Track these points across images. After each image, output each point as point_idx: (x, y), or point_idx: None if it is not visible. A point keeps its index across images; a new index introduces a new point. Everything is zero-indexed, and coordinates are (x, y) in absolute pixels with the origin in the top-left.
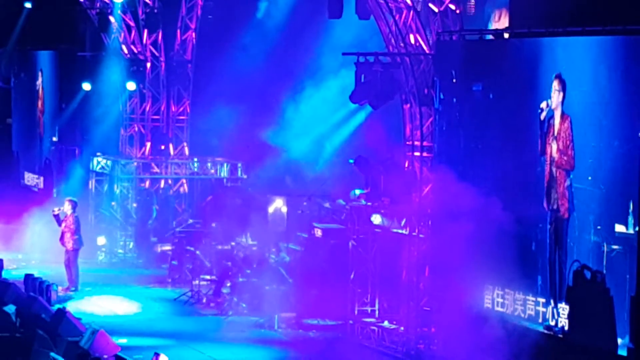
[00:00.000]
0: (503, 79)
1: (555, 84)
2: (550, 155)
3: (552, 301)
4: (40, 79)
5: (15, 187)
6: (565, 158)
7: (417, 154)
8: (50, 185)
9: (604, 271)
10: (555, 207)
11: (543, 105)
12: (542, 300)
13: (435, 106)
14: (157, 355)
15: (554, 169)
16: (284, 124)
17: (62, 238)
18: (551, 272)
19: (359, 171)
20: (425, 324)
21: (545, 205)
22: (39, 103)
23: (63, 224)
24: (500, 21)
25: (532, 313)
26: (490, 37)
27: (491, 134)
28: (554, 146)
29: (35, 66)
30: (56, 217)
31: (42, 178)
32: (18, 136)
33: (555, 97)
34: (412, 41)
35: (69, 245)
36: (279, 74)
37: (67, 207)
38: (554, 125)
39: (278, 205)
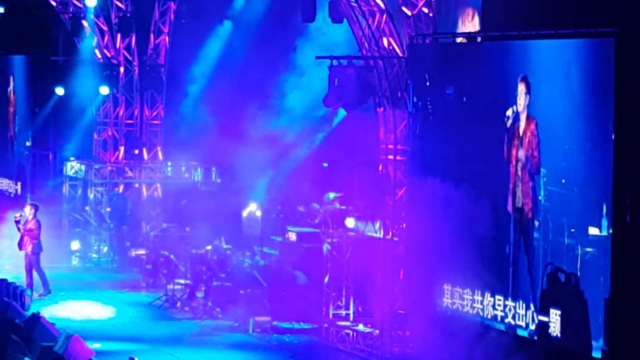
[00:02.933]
0: (475, 81)
1: (522, 87)
2: (516, 157)
3: (524, 304)
4: (11, 84)
5: None
6: (532, 161)
7: (390, 157)
8: (24, 190)
9: (578, 274)
10: (519, 205)
11: (509, 112)
12: (515, 303)
13: (409, 109)
14: (131, 359)
15: (519, 170)
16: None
17: (20, 242)
18: (519, 274)
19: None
20: (399, 327)
21: (509, 206)
22: (10, 108)
23: (21, 227)
24: (472, 20)
25: (505, 315)
26: (463, 40)
27: (464, 137)
28: (521, 150)
29: (7, 71)
30: (17, 222)
31: (19, 183)
32: None
33: (522, 100)
34: (386, 44)
35: (29, 249)
36: (252, 77)
37: (28, 211)
38: (519, 128)
39: (252, 209)
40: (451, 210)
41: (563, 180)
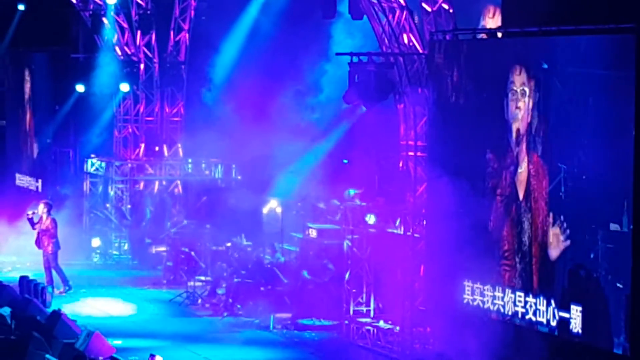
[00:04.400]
0: (494, 77)
1: (531, 83)
2: (531, 153)
3: (544, 300)
4: (30, 81)
5: (9, 188)
6: (547, 157)
7: (411, 153)
8: (44, 187)
9: (599, 270)
10: (538, 202)
11: (521, 106)
12: (535, 299)
13: (429, 106)
14: (152, 356)
15: (536, 166)
16: (279, 124)
17: (37, 241)
18: (540, 271)
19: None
20: (420, 324)
21: (529, 202)
22: (29, 105)
23: (37, 226)
24: (494, 17)
25: (526, 312)
26: (483, 36)
27: (484, 133)
28: (537, 146)
29: (27, 68)
30: (30, 220)
31: (40, 180)
32: (10, 138)
33: (532, 96)
34: (406, 41)
35: (49, 248)
36: (274, 73)
37: (41, 210)
38: (534, 124)
39: (272, 205)
40: (470, 207)
41: (583, 177)
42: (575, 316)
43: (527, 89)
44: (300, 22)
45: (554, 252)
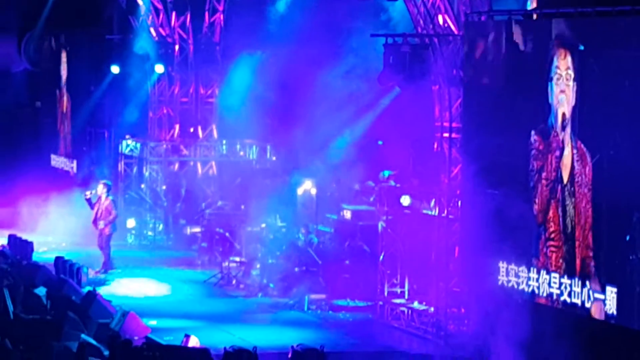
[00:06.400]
0: (536, 60)
1: (569, 63)
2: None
3: (579, 281)
4: (65, 59)
5: (44, 169)
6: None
7: (445, 134)
8: (80, 168)
9: (636, 251)
10: (573, 182)
11: (556, 91)
12: (570, 281)
13: (464, 87)
14: (187, 336)
15: (570, 146)
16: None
17: (95, 221)
18: (575, 253)
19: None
20: (454, 305)
21: (563, 182)
22: (66, 87)
23: (96, 207)
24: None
25: (561, 293)
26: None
27: (526, 116)
28: (568, 128)
29: (63, 50)
30: (88, 200)
31: (75, 161)
32: (45, 120)
33: (575, 82)
34: (441, 22)
35: (106, 229)
36: (308, 54)
37: (100, 190)
38: (566, 106)
39: (307, 187)
40: (509, 188)
41: (619, 159)
42: (610, 298)
43: (572, 73)
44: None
45: (592, 236)
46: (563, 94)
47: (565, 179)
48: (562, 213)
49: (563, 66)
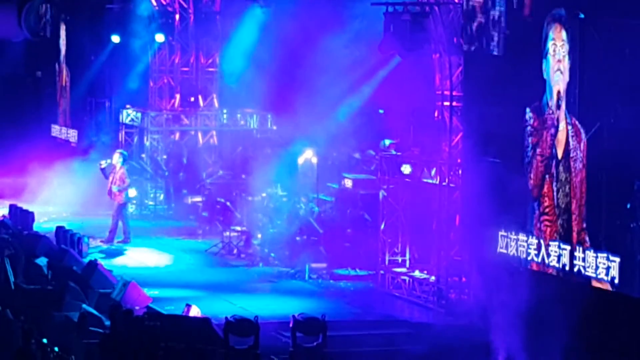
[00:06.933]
0: (532, 32)
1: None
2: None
3: (581, 248)
4: (65, 37)
5: (44, 139)
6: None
7: (446, 103)
8: (80, 138)
9: (636, 220)
10: (574, 153)
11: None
12: (570, 247)
13: (464, 56)
14: (188, 306)
15: (567, 118)
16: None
17: (110, 190)
18: (577, 221)
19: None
20: (456, 274)
21: (563, 153)
22: (65, 59)
23: (111, 177)
24: None
25: (561, 261)
26: None
27: (523, 90)
28: (562, 101)
29: (62, 22)
30: (103, 170)
31: (75, 131)
32: (45, 89)
33: (570, 57)
34: None
35: (120, 198)
36: (308, 25)
37: (116, 159)
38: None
39: (308, 156)
40: (507, 160)
41: (620, 128)
42: (612, 266)
43: (567, 48)
44: None
45: (591, 204)
46: (559, 73)
47: (560, 154)
48: (557, 188)
49: (559, 41)
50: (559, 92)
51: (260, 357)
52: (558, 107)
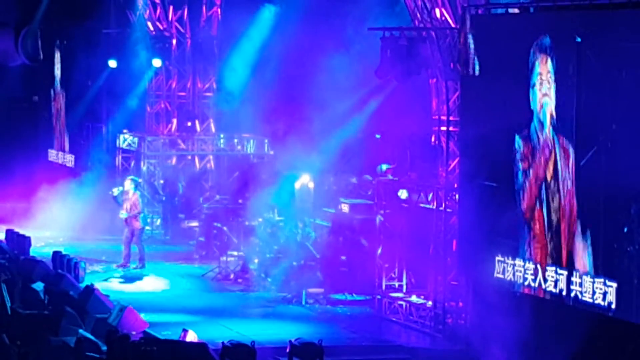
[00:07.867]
0: (518, 60)
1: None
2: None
3: (578, 274)
4: (59, 62)
5: (41, 164)
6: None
7: (443, 128)
8: (77, 163)
9: (634, 243)
10: (567, 176)
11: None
12: (568, 272)
13: (461, 81)
14: (185, 331)
15: (561, 141)
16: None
17: (127, 219)
18: (575, 246)
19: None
20: (453, 299)
21: (559, 177)
22: (60, 84)
23: (126, 204)
24: None
25: (558, 286)
26: (515, 10)
27: (512, 118)
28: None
29: (57, 49)
30: (115, 198)
31: (72, 156)
32: (42, 114)
33: (555, 83)
34: (438, 15)
35: (137, 224)
36: (306, 47)
37: (127, 185)
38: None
39: (304, 181)
40: (502, 185)
41: (617, 150)
42: (609, 291)
43: (552, 76)
44: None
45: (584, 228)
46: (546, 97)
47: (549, 176)
48: (548, 211)
49: (544, 71)
50: (548, 116)
51: None
52: (546, 131)
